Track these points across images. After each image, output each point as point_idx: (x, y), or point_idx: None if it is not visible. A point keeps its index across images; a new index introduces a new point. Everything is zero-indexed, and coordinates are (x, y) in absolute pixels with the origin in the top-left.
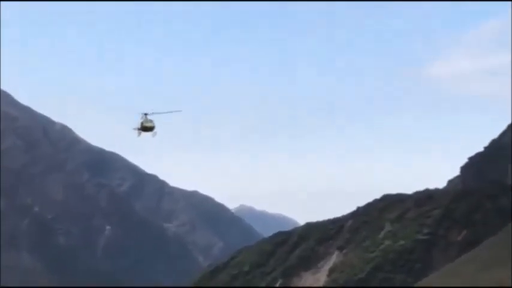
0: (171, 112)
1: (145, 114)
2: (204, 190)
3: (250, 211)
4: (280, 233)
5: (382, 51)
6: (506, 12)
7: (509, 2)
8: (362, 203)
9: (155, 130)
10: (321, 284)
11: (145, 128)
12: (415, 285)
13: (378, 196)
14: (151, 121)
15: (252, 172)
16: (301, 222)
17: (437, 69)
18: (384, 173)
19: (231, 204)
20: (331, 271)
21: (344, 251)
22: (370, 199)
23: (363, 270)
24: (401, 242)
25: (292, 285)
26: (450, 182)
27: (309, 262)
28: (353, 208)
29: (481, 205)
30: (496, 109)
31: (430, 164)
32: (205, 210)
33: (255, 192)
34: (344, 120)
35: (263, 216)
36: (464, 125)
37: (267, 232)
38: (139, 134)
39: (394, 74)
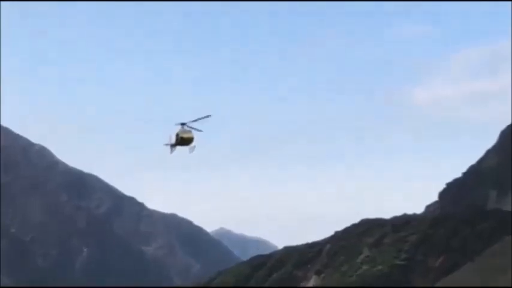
0: (201, 118)
1: (183, 124)
2: (183, 213)
3: (229, 234)
4: (258, 257)
5: (363, 76)
6: (487, 38)
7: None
8: (340, 227)
9: (194, 143)
10: None
11: (183, 140)
12: None
13: (356, 221)
14: (190, 131)
15: (232, 195)
16: (280, 246)
17: (417, 94)
18: (363, 198)
19: (210, 227)
20: None
21: (322, 275)
22: (348, 223)
23: None
24: (379, 267)
25: None
26: (428, 207)
27: (286, 286)
28: (331, 232)
29: (459, 231)
30: (475, 135)
31: (409, 189)
32: (183, 233)
33: (234, 215)
34: (323, 145)
35: (242, 240)
36: (443, 151)
37: (245, 256)
38: (173, 150)
39: (374, 99)
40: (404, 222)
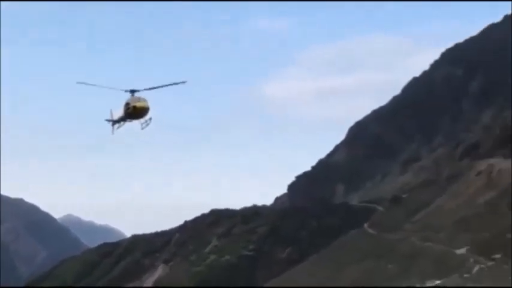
0: (176, 84)
1: (133, 91)
2: (30, 198)
3: (77, 221)
4: (106, 244)
5: (215, 68)
6: (337, 36)
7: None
8: (190, 217)
9: (149, 115)
10: None
11: (136, 110)
12: None
13: (206, 211)
14: (144, 100)
15: (81, 182)
16: (128, 234)
17: (269, 89)
18: (213, 189)
19: (57, 214)
20: (156, 284)
21: (170, 264)
22: (198, 213)
23: (188, 284)
24: (227, 257)
25: None
26: (277, 199)
27: (133, 274)
28: (181, 222)
29: (306, 223)
30: (325, 130)
31: (259, 181)
32: (30, 219)
33: (83, 202)
34: (173, 135)
35: (90, 227)
36: (294, 144)
37: (93, 243)
38: (119, 126)
39: (225, 92)
40: (253, 213)
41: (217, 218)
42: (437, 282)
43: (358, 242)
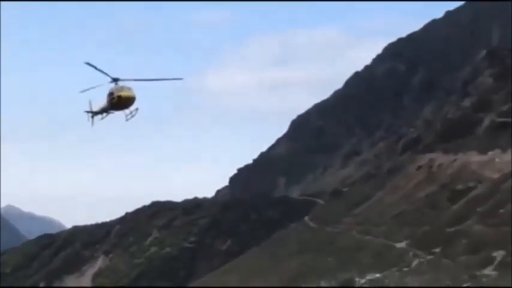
0: (171, 79)
1: (116, 80)
2: None
3: (17, 212)
4: (45, 236)
5: (156, 59)
6: (280, 28)
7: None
8: (131, 209)
9: (136, 106)
10: None
11: (121, 100)
12: None
13: (147, 203)
14: (130, 89)
15: (21, 172)
16: (69, 225)
17: (212, 81)
18: (154, 181)
19: None
20: (96, 276)
21: (110, 256)
22: (139, 205)
23: (128, 276)
24: (168, 249)
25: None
26: (219, 192)
27: (73, 266)
28: (122, 214)
29: (247, 216)
30: (268, 123)
31: (201, 174)
32: None
33: (23, 193)
34: (117, 127)
35: (30, 218)
36: (236, 137)
37: (33, 234)
38: (101, 118)
39: (166, 84)
40: (194, 205)
41: (158, 210)
42: (377, 275)
43: (299, 235)
